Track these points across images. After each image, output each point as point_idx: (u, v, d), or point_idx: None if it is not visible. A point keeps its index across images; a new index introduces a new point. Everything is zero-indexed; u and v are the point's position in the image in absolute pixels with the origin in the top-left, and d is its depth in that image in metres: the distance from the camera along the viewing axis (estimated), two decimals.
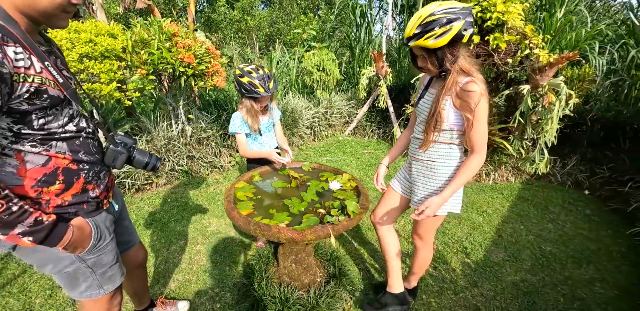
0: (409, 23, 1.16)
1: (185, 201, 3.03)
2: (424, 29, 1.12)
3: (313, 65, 4.24)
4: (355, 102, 4.81)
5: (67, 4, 0.82)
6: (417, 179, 1.48)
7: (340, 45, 6.33)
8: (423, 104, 1.38)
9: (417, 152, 1.44)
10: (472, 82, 1.18)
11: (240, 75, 1.76)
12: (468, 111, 1.20)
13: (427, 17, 1.11)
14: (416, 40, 1.14)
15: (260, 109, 1.88)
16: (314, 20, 6.95)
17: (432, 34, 1.11)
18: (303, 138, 4.25)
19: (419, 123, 1.42)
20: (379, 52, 4.23)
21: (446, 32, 1.10)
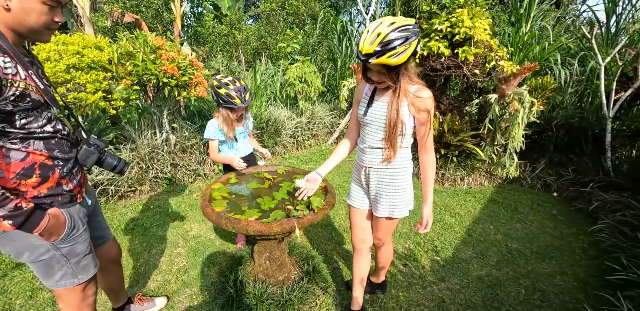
0: (366, 39, 1.16)
1: (167, 207, 3.10)
2: (385, 47, 1.14)
3: (295, 77, 4.44)
4: (337, 112, 5.01)
5: (51, 22, 0.97)
6: (381, 189, 1.50)
7: (324, 58, 6.61)
8: (375, 113, 1.39)
9: (376, 161, 1.46)
10: (423, 89, 1.30)
11: (218, 86, 1.90)
12: (425, 114, 1.31)
13: (387, 36, 1.13)
14: (377, 58, 1.16)
15: (235, 118, 2.02)
16: (299, 35, 7.24)
17: (394, 53, 1.15)
18: (286, 148, 4.39)
19: (372, 132, 1.42)
20: (359, 65, 4.45)
21: (406, 50, 1.16)
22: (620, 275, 2.08)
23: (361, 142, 1.52)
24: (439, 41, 3.48)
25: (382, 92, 1.39)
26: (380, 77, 1.28)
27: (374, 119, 1.40)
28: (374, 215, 1.61)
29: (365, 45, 1.17)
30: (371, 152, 1.46)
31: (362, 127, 1.49)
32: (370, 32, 1.16)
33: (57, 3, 0.95)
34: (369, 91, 1.45)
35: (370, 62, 1.18)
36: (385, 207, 1.52)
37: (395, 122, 1.32)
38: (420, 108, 1.30)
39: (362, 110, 1.44)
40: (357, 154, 1.60)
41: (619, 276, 2.09)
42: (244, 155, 2.19)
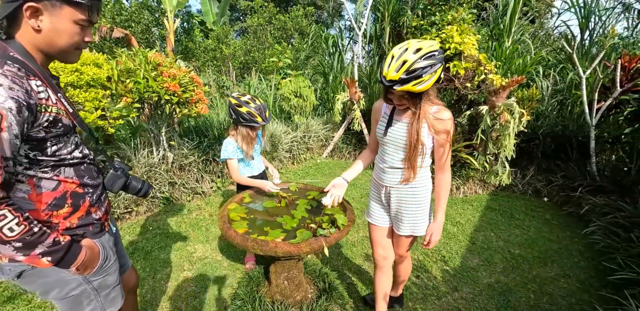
0: (391, 66, 1.16)
1: (167, 228, 3.00)
2: (411, 75, 1.14)
3: (290, 91, 4.48)
4: (331, 125, 5.07)
5: (81, 42, 0.94)
6: (402, 208, 1.51)
7: (315, 72, 6.72)
8: (395, 132, 1.39)
9: (396, 181, 1.46)
10: (443, 110, 1.31)
11: (238, 105, 1.89)
12: (445, 136, 1.32)
13: (414, 64, 1.13)
14: (402, 86, 1.16)
15: (254, 136, 2.02)
16: (287, 49, 7.35)
17: (419, 81, 1.15)
18: (283, 162, 4.38)
19: (392, 152, 1.42)
20: (351, 79, 4.56)
21: (431, 77, 1.16)
22: (620, 274, 2.18)
23: (380, 161, 1.51)
24: None
25: (402, 112, 1.39)
26: (401, 101, 1.29)
27: (393, 139, 1.40)
28: (395, 233, 1.62)
29: (390, 71, 1.17)
30: (391, 172, 1.47)
31: (381, 146, 1.49)
32: (396, 59, 1.16)
33: (89, 23, 0.93)
34: (387, 110, 1.45)
35: (394, 88, 1.19)
36: (408, 225, 1.54)
37: (416, 144, 1.33)
38: (439, 129, 1.32)
39: (382, 130, 1.44)
40: (375, 172, 1.61)
41: (618, 275, 2.18)
42: (258, 173, 2.18)
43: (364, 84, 5.56)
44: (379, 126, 1.47)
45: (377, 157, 1.57)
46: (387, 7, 5.18)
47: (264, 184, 1.95)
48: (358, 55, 5.02)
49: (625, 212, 2.84)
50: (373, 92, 5.31)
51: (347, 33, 7.81)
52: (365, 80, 5.53)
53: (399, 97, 1.27)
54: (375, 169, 1.62)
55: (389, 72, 1.17)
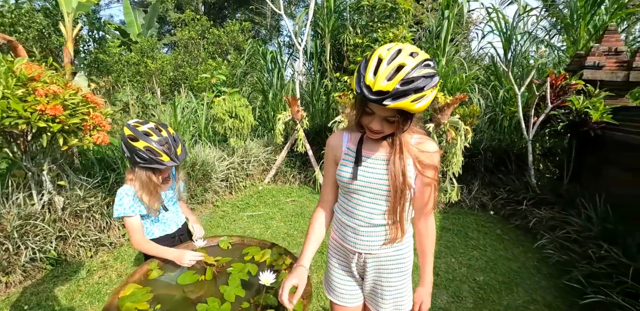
0: (381, 72, 0.80)
1: (54, 304, 2.17)
2: (409, 86, 0.79)
3: (224, 111, 3.93)
4: (273, 147, 4.60)
5: None
6: (383, 279, 1.11)
7: (253, 89, 6.24)
8: (370, 175, 1.01)
9: (376, 245, 1.06)
10: (427, 141, 1.00)
11: (132, 138, 1.29)
12: (432, 172, 0.99)
13: (413, 71, 0.80)
14: (396, 101, 0.79)
15: (160, 181, 1.44)
16: (223, 65, 6.78)
17: (420, 96, 0.81)
18: (218, 193, 3.75)
19: (368, 203, 1.03)
20: (293, 97, 4.19)
21: (432, 92, 0.84)
22: (588, 297, 2.10)
23: (348, 216, 1.09)
24: None
25: (375, 145, 1.03)
26: (382, 127, 0.91)
27: (369, 185, 1.01)
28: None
29: (379, 79, 0.79)
30: (368, 232, 1.05)
31: (349, 196, 1.07)
32: (387, 62, 0.80)
33: None
34: (351, 144, 1.06)
35: (385, 104, 0.80)
36: (391, 302, 1.12)
37: (402, 188, 0.96)
38: (427, 164, 0.99)
39: (348, 172, 1.03)
40: (338, 232, 1.16)
41: (586, 299, 2.10)
42: (175, 229, 1.58)
43: (305, 102, 5.24)
44: (343, 167, 1.05)
45: (340, 210, 1.14)
46: (328, 23, 5.03)
47: (180, 256, 1.37)
48: (299, 71, 4.71)
49: (575, 226, 2.85)
50: (316, 110, 5.02)
51: (286, 49, 7.56)
52: (307, 98, 5.22)
53: (383, 121, 0.90)
54: (336, 227, 1.16)
55: (377, 81, 0.80)
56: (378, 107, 0.86)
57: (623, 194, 2.95)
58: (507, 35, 4.48)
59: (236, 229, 3.22)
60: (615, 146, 3.15)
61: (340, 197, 1.14)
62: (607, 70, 3.59)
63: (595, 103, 3.23)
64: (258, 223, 3.38)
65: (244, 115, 3.94)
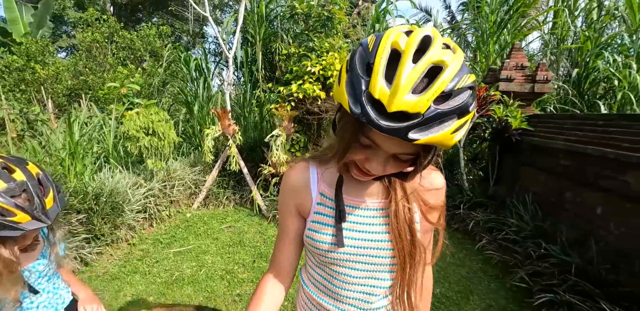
0: (404, 76, 0.44)
1: None
2: (452, 105, 0.46)
3: (138, 128, 3.29)
4: (202, 167, 4.03)
5: None
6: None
7: (174, 101, 5.52)
8: (361, 236, 0.68)
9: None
10: (432, 173, 0.70)
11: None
12: (437, 214, 0.70)
13: (455, 78, 0.46)
14: (434, 134, 0.46)
15: (18, 254, 0.91)
16: (137, 73, 5.91)
17: (465, 121, 0.48)
18: (134, 229, 3.06)
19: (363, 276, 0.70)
20: (222, 109, 3.74)
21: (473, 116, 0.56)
22: (539, 297, 2.14)
23: (331, 299, 0.74)
24: (312, 84, 3.22)
25: (358, 186, 0.69)
26: (386, 167, 0.56)
27: (363, 252, 0.68)
28: None
29: (402, 91, 0.44)
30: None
31: (330, 269, 0.72)
32: (413, 59, 0.45)
33: None
34: (325, 186, 0.70)
35: (411, 139, 0.45)
36: None
37: (413, 251, 0.65)
38: (434, 206, 0.69)
39: (327, 235, 0.68)
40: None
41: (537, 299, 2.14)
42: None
43: (236, 114, 4.79)
44: (318, 227, 0.70)
45: (314, 287, 0.77)
46: (259, 31, 4.71)
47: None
48: (229, 81, 4.27)
49: (511, 226, 3.00)
50: (249, 123, 4.60)
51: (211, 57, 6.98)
52: (238, 110, 4.78)
53: (388, 158, 0.55)
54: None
55: (396, 94, 0.44)
56: (389, 141, 0.50)
57: (540, 192, 3.25)
58: None
59: (160, 273, 2.63)
60: (531, 150, 3.47)
61: (315, 269, 0.76)
62: (517, 82, 4.00)
63: (513, 112, 3.52)
64: (188, 260, 2.83)
65: (163, 131, 3.35)
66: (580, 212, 2.69)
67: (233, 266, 2.73)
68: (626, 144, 2.24)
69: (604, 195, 2.45)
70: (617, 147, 2.29)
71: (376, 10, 4.69)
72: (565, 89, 5.20)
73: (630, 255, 2.15)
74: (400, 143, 0.49)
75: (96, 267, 2.68)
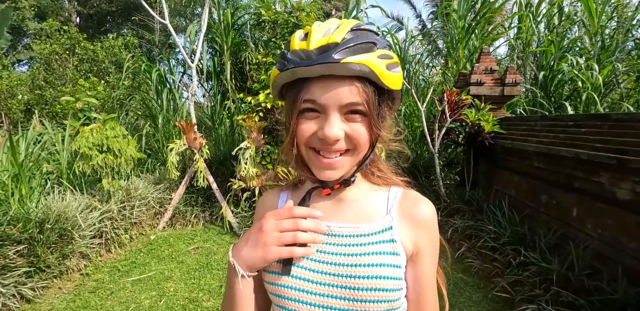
0: (316, 29, 0.50)
1: None
2: (367, 38, 0.49)
3: (91, 145, 3.02)
4: (167, 184, 3.76)
5: None
6: None
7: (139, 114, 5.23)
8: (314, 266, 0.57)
9: None
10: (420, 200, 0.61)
11: None
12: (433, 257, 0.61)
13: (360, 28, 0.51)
14: (359, 57, 0.47)
15: None
16: (99, 86, 5.60)
17: (390, 56, 0.51)
18: (87, 256, 2.75)
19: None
20: (187, 122, 3.53)
21: (399, 68, 0.53)
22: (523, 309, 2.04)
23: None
24: None
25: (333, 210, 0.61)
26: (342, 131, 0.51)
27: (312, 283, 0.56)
28: None
29: (314, 36, 0.50)
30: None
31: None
32: (318, 25, 0.52)
33: None
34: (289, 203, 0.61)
35: (336, 59, 0.46)
36: None
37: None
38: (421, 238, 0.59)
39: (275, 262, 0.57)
40: None
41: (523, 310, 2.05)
42: None
43: (206, 127, 4.58)
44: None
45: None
46: (226, 39, 4.55)
47: None
48: (194, 92, 4.06)
49: (489, 232, 2.91)
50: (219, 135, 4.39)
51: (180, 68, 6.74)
52: (208, 123, 4.57)
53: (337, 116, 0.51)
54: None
55: (311, 39, 0.50)
56: (329, 91, 0.49)
57: (516, 196, 3.21)
58: (400, 57, 4.73)
59: (114, 306, 2.34)
60: (505, 153, 3.44)
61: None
62: (487, 86, 4.01)
63: (485, 116, 3.50)
64: (148, 289, 2.56)
65: (120, 148, 3.09)
66: (556, 215, 2.64)
67: (197, 294, 2.48)
68: (598, 144, 2.21)
69: (579, 196, 2.41)
70: (589, 148, 2.26)
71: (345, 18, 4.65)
72: (534, 91, 5.31)
73: (609, 258, 2.09)
74: (340, 89, 0.49)
75: (40, 304, 2.36)
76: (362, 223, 0.58)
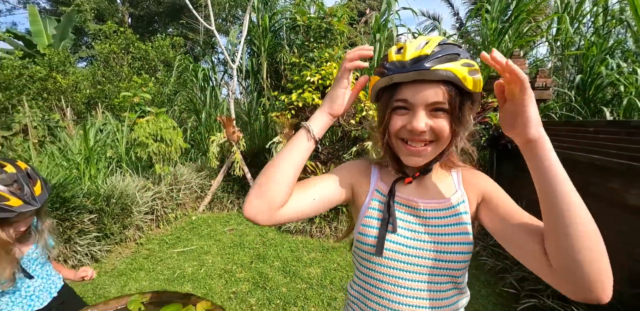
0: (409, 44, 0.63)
1: None
2: (452, 50, 0.61)
3: (148, 134, 3.51)
4: (207, 172, 4.23)
5: None
6: None
7: (184, 109, 5.79)
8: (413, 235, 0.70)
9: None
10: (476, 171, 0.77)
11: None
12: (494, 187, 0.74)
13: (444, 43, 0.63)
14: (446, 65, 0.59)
15: (15, 237, 1.08)
16: (150, 82, 6.22)
17: (472, 64, 0.62)
18: (141, 229, 3.26)
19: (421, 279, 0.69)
20: (227, 117, 3.93)
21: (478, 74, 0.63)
22: (524, 303, 2.16)
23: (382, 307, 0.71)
24: (312, 92, 3.38)
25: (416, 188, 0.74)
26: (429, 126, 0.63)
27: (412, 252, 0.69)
28: None
29: (409, 49, 0.62)
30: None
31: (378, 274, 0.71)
32: (410, 42, 0.64)
33: None
34: (382, 184, 0.74)
35: (426, 67, 0.58)
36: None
37: None
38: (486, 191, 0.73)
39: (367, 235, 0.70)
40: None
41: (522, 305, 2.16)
42: (49, 300, 1.20)
43: (242, 122, 5.00)
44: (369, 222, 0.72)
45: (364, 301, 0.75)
46: (264, 42, 4.93)
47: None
48: (234, 90, 4.48)
49: None
50: (254, 130, 4.79)
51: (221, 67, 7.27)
52: (245, 118, 4.99)
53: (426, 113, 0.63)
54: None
55: (406, 52, 0.62)
56: (419, 92, 0.61)
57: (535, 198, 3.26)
58: None
59: (163, 270, 2.79)
60: None
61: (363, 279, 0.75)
62: None
63: None
64: (190, 260, 2.99)
65: (170, 138, 3.56)
66: None
67: (232, 266, 2.87)
68: (613, 151, 2.29)
69: (592, 201, 2.48)
70: (604, 154, 2.34)
71: (377, 20, 4.84)
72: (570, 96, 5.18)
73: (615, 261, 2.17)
74: (427, 91, 0.61)
75: (105, 264, 2.87)
76: (441, 199, 0.71)
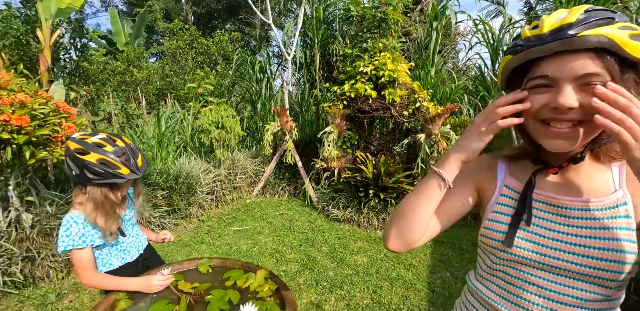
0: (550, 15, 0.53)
1: None
2: (603, 14, 0.50)
3: (211, 122, 3.81)
4: (261, 159, 4.48)
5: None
6: None
7: (241, 99, 6.14)
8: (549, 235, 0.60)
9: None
10: None
11: (81, 152, 1.13)
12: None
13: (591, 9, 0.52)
14: (598, 29, 0.48)
15: (120, 198, 1.29)
16: (211, 75, 6.70)
17: (625, 25, 0.49)
18: (203, 207, 3.59)
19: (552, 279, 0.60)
20: (281, 107, 4.11)
21: None
22: None
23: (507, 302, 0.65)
24: (364, 83, 3.39)
25: (557, 184, 0.62)
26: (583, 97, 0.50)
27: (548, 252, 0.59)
28: None
29: (548, 21, 0.52)
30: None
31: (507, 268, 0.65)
32: (547, 16, 0.53)
33: None
34: (512, 180, 0.67)
35: (571, 34, 0.48)
36: None
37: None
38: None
39: (495, 231, 0.64)
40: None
41: None
42: (137, 255, 1.42)
43: (295, 112, 5.17)
44: (498, 218, 0.66)
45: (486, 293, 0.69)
46: (317, 34, 5.02)
47: (146, 284, 1.22)
48: (288, 82, 4.65)
49: None
50: (305, 120, 4.94)
51: (275, 59, 7.55)
52: (297, 108, 5.15)
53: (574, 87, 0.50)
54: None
55: (545, 24, 0.52)
56: (560, 62, 0.50)
57: None
58: (494, 47, 4.54)
59: (222, 245, 3.06)
60: None
61: (489, 271, 0.69)
62: None
63: None
64: (245, 238, 3.23)
65: (230, 125, 3.83)
66: None
67: (282, 247, 3.04)
68: None
69: None
70: None
71: (434, 7, 4.65)
72: None
73: None
74: (575, 62, 0.49)
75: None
76: (593, 198, 0.57)
